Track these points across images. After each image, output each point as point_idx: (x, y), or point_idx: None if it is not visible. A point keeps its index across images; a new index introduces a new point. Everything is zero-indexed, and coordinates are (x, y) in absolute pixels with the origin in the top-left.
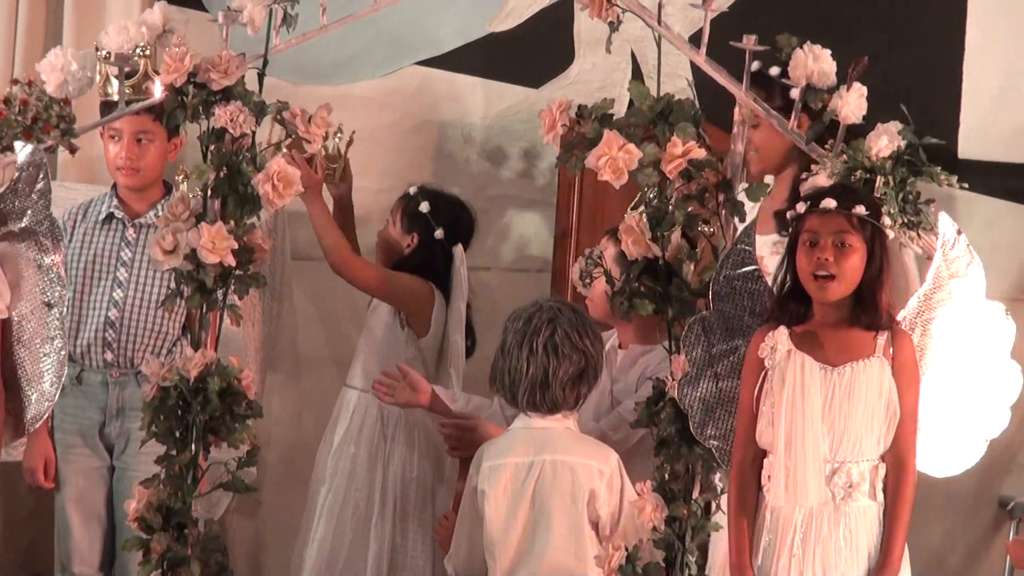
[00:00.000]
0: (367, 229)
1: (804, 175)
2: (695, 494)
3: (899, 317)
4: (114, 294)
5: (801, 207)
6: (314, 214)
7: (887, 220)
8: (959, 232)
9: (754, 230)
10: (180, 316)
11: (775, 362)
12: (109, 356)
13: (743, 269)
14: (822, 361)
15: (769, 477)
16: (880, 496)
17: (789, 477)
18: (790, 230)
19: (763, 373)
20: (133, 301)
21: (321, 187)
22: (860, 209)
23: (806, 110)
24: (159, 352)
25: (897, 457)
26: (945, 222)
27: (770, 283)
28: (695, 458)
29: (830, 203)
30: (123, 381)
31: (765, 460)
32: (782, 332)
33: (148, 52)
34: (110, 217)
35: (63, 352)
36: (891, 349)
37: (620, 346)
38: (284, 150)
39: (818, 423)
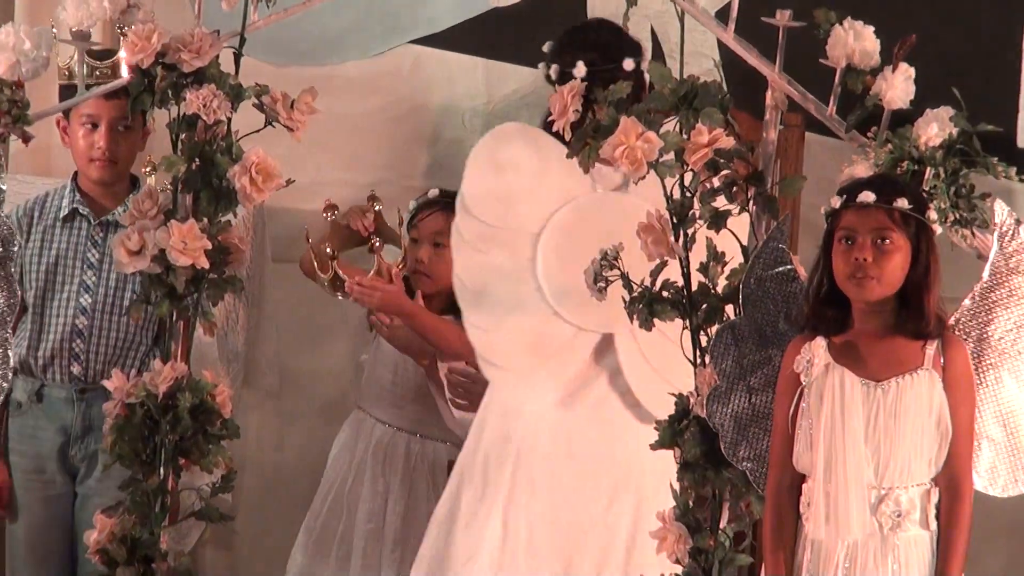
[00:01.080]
0: None
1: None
2: (723, 523)
3: (951, 320)
4: (81, 300)
5: (836, 201)
6: (425, 327)
7: (933, 214)
8: (1019, 222)
9: (788, 226)
10: (153, 324)
11: (812, 377)
12: (76, 369)
13: (776, 269)
14: (864, 376)
15: (808, 504)
16: (933, 524)
17: (830, 506)
18: (825, 227)
19: (799, 389)
20: (103, 307)
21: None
22: (902, 202)
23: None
24: (133, 365)
25: (951, 480)
26: (1002, 210)
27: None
28: (723, 483)
29: (868, 196)
30: (91, 397)
31: (804, 485)
32: (819, 344)
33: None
34: (73, 214)
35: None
36: (942, 359)
37: None
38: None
39: (861, 446)
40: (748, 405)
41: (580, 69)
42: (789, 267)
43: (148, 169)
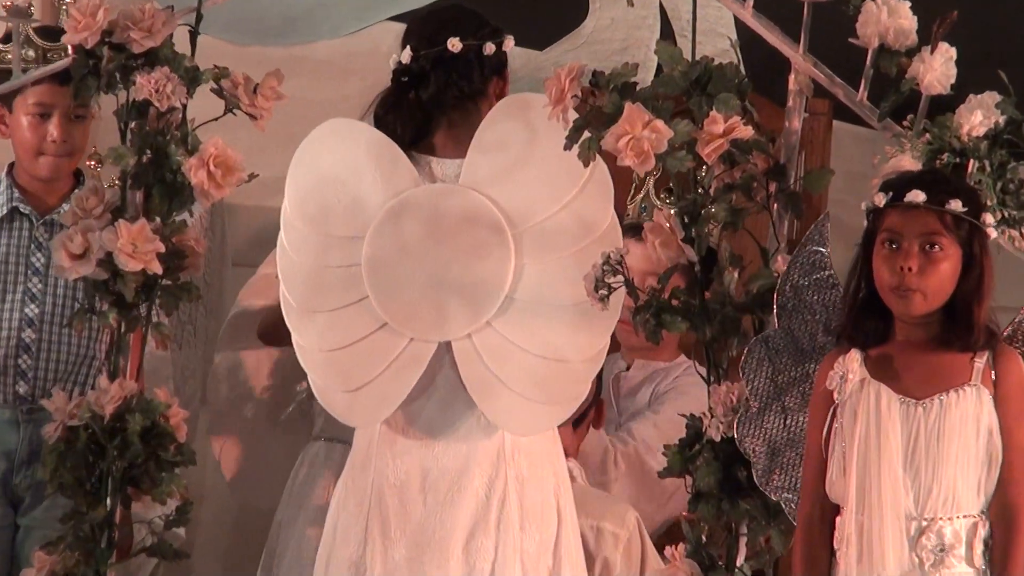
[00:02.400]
0: None
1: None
2: (739, 560)
3: (1006, 334)
4: (27, 310)
5: (880, 198)
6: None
7: (990, 218)
8: None
9: (827, 227)
10: (104, 335)
11: (845, 395)
12: (23, 388)
13: (815, 276)
14: (903, 392)
15: (842, 538)
16: (980, 562)
17: (863, 540)
18: (865, 225)
19: (832, 408)
20: (52, 318)
21: None
22: (956, 204)
23: None
24: (87, 382)
25: (1003, 510)
26: None
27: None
28: (740, 515)
29: (918, 196)
30: (39, 419)
31: (838, 518)
32: (854, 357)
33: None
34: (12, 213)
35: None
36: (993, 373)
37: (627, 368)
38: None
39: (898, 471)
40: (783, 428)
41: (405, 55)
42: (829, 272)
43: (93, 163)
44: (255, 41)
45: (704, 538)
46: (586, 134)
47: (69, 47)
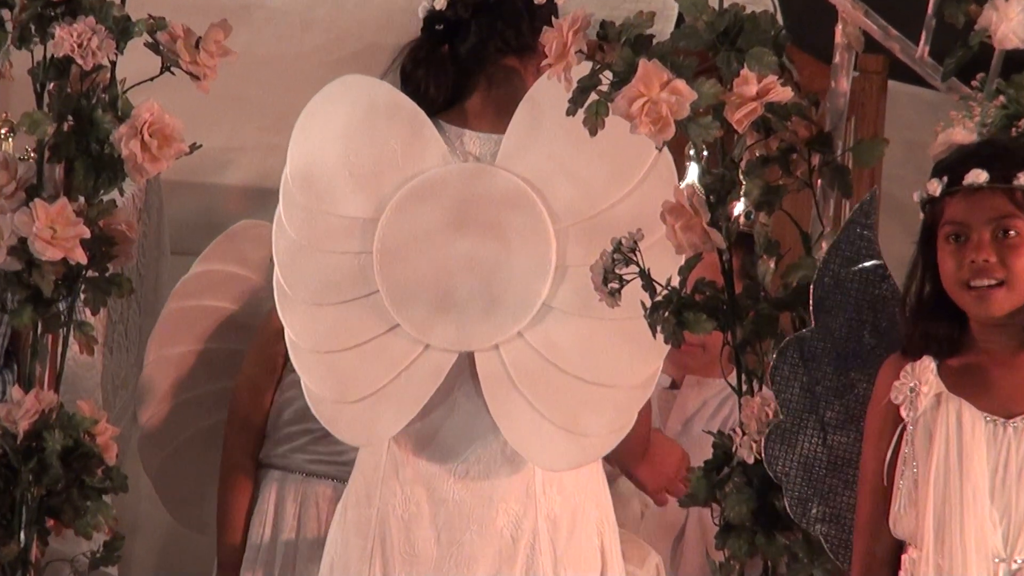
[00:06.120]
0: None
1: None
2: None
3: None
4: None
5: (934, 186)
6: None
7: None
8: None
9: (875, 206)
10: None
11: (918, 412)
12: None
13: (860, 265)
14: (989, 410)
15: None
16: None
17: None
18: (922, 217)
19: (899, 427)
20: None
21: None
22: None
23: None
24: None
25: None
26: None
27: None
28: (777, 551)
29: (979, 176)
30: None
31: (904, 556)
32: (928, 366)
33: None
34: None
35: None
36: None
37: (673, 384)
38: None
39: (985, 503)
40: (822, 448)
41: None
42: (877, 262)
43: (3, 131)
44: None
45: None
46: (593, 96)
47: None
